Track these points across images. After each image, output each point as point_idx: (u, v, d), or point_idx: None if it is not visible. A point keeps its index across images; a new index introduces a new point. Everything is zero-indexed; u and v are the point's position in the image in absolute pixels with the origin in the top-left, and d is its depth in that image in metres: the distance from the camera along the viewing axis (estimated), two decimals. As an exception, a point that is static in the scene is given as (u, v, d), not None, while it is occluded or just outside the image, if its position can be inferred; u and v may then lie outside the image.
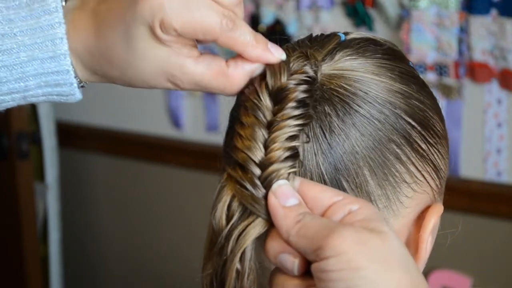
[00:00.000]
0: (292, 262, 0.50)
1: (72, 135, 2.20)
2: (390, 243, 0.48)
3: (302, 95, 0.53)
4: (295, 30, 1.70)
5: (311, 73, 0.55)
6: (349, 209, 0.50)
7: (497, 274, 1.56)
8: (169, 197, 2.03)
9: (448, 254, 1.54)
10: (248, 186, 0.52)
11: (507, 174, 1.52)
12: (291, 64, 0.55)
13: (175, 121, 1.97)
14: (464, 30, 1.48)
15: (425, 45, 1.52)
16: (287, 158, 0.52)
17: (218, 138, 2.22)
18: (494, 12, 1.44)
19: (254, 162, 0.52)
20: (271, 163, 0.52)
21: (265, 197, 0.52)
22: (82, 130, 2.18)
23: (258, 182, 0.52)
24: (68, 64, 0.57)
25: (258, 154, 0.52)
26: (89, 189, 2.23)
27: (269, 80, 0.54)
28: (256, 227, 0.52)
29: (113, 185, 2.17)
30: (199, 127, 1.94)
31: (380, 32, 1.59)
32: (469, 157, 1.55)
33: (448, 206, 0.65)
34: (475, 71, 1.49)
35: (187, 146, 1.93)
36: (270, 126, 0.53)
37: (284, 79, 0.54)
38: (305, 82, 0.54)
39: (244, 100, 0.55)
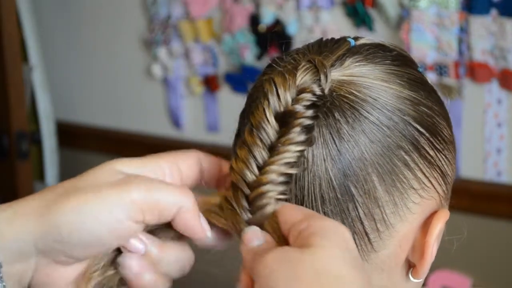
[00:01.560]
0: None
1: (72, 135, 2.20)
2: (313, 261, 0.48)
3: (309, 122, 0.54)
4: (295, 30, 1.70)
5: (318, 92, 0.55)
6: (299, 229, 0.51)
7: (497, 274, 1.56)
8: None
9: (448, 254, 1.54)
10: (234, 205, 0.54)
11: (507, 174, 1.52)
12: (298, 78, 0.55)
13: (175, 121, 1.97)
14: (464, 30, 1.48)
15: (425, 45, 1.52)
16: (280, 183, 0.53)
17: (218, 138, 2.22)
18: (494, 12, 1.44)
19: (245, 182, 0.53)
20: (263, 185, 0.53)
21: (248, 222, 0.54)
22: (82, 130, 2.18)
23: (245, 204, 0.54)
24: None
25: (247, 174, 0.53)
26: (89, 189, 2.22)
27: (276, 99, 0.54)
28: None
29: (113, 185, 2.17)
30: (199, 127, 1.94)
31: (380, 32, 1.59)
32: (469, 157, 1.55)
33: (448, 206, 0.66)
34: (475, 71, 1.49)
35: (187, 146, 1.93)
36: (272, 149, 0.53)
37: (289, 98, 0.54)
38: (312, 105, 0.54)
39: (251, 116, 0.55)
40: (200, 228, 0.55)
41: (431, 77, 1.53)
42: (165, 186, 0.54)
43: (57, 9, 2.17)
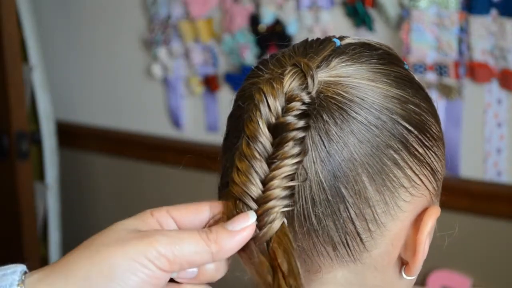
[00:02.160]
0: None
1: (72, 135, 2.20)
2: None
3: (301, 134, 0.54)
4: (295, 30, 1.70)
5: (307, 99, 0.55)
6: None
7: (497, 274, 1.56)
8: (169, 197, 2.03)
9: (448, 254, 1.54)
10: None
11: (507, 174, 1.52)
12: (285, 85, 0.55)
13: (175, 121, 1.97)
14: (464, 30, 1.48)
15: (425, 45, 1.52)
16: (284, 197, 0.54)
17: (218, 138, 2.22)
18: (494, 12, 1.44)
19: (250, 196, 0.54)
20: (269, 200, 0.53)
21: (255, 237, 0.54)
22: (82, 130, 2.19)
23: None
24: None
25: (252, 188, 0.54)
26: (89, 189, 2.23)
27: (268, 110, 0.55)
28: None
29: (113, 185, 2.17)
30: (199, 127, 1.94)
31: (380, 32, 1.59)
32: (469, 157, 1.55)
33: (448, 206, 0.66)
34: (475, 71, 1.49)
35: (187, 146, 1.93)
36: (270, 164, 0.54)
37: (280, 107, 0.54)
38: (303, 114, 0.55)
39: (245, 128, 0.55)
40: (244, 236, 0.54)
41: (431, 77, 1.53)
42: (186, 239, 0.54)
43: (57, 9, 2.17)
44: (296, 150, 0.54)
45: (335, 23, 1.65)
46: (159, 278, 0.53)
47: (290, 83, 0.55)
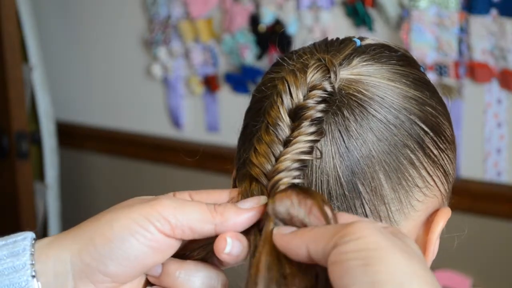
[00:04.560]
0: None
1: (72, 135, 2.20)
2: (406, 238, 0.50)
3: (319, 115, 0.55)
4: (295, 30, 1.70)
5: (329, 88, 0.56)
6: None
7: (497, 274, 1.56)
8: (169, 197, 2.03)
9: (448, 254, 1.54)
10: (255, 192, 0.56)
11: (507, 174, 1.52)
12: (309, 76, 0.56)
13: (175, 121, 1.97)
14: (464, 30, 1.48)
15: (425, 45, 1.52)
16: (293, 169, 0.54)
17: (218, 138, 2.22)
18: (494, 12, 1.44)
19: (264, 174, 0.55)
20: (278, 172, 0.54)
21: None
22: (82, 130, 2.19)
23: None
24: None
25: (268, 167, 0.55)
26: (89, 189, 2.23)
27: (289, 97, 0.56)
28: None
29: (113, 185, 2.17)
30: (199, 127, 1.94)
31: (380, 32, 1.59)
32: (469, 157, 1.55)
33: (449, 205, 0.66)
34: (475, 71, 1.49)
35: (187, 146, 1.93)
36: (286, 144, 0.55)
37: (301, 96, 0.56)
38: (323, 100, 0.56)
39: (266, 115, 0.57)
40: (250, 215, 0.54)
41: (431, 77, 1.53)
42: (192, 206, 0.54)
43: (57, 9, 2.17)
44: (311, 129, 0.55)
45: (335, 23, 1.65)
46: (159, 241, 0.53)
47: (313, 74, 0.57)
